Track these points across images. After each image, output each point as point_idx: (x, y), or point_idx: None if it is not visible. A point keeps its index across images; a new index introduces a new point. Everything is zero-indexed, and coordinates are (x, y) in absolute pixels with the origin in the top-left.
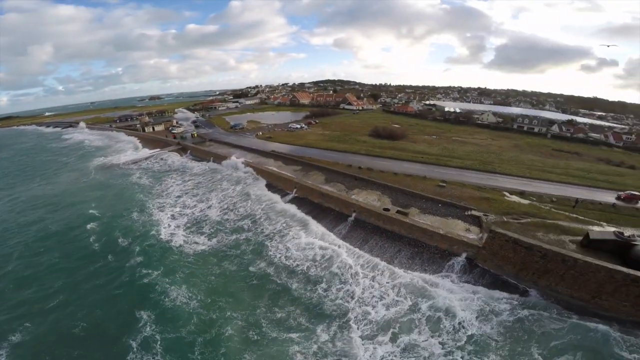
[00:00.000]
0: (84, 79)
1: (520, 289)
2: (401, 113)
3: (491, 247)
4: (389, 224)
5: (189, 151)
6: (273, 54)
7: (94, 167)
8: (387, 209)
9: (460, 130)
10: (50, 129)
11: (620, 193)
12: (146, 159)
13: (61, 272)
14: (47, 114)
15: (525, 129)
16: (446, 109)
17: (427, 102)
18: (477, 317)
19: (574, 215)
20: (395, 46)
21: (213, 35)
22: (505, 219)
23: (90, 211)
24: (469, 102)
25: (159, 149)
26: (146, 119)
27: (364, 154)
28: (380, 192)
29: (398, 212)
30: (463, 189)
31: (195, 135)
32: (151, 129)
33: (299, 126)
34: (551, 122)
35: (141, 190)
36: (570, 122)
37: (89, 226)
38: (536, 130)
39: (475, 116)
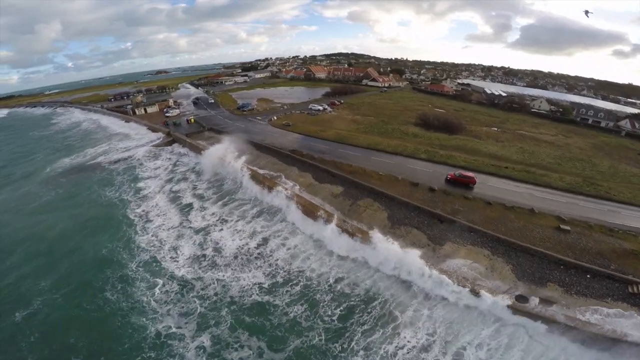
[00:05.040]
0: (93, 55)
1: None
2: (437, 93)
3: None
4: None
5: (180, 146)
6: (285, 26)
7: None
8: (522, 298)
9: (518, 119)
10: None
11: (449, 173)
12: (116, 161)
13: None
14: (47, 92)
15: (590, 122)
16: (488, 91)
17: (461, 82)
18: None
19: None
20: (413, 21)
21: (224, 7)
22: None
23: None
24: (499, 82)
25: (137, 143)
26: (139, 98)
27: (425, 159)
28: (489, 251)
29: (541, 301)
30: (592, 234)
31: (192, 121)
32: (143, 111)
33: (321, 107)
34: (617, 115)
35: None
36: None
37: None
38: (603, 124)
39: (527, 101)
